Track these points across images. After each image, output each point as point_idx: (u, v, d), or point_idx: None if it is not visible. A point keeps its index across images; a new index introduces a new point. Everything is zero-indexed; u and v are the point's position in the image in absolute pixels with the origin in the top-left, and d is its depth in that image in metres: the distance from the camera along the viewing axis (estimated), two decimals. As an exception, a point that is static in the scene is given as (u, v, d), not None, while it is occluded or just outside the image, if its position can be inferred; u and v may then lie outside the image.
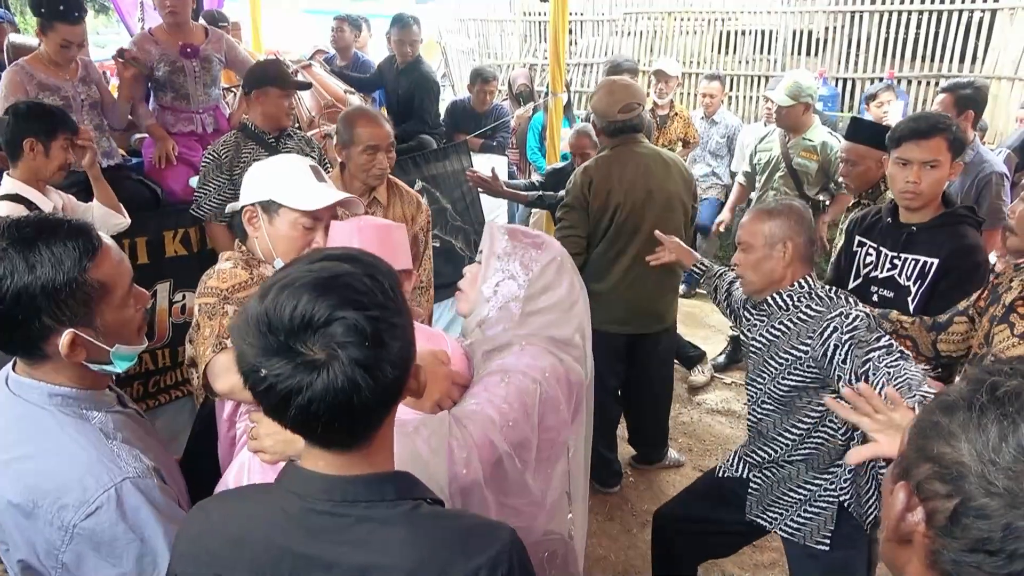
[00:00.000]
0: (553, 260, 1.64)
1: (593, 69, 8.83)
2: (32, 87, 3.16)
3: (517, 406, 1.47)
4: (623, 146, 3.09)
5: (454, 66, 9.69)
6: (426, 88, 4.85)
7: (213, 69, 3.72)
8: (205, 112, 3.75)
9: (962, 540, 0.66)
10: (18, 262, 1.10)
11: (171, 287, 3.08)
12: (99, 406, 1.23)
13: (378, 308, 0.87)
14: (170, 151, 3.56)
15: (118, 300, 1.21)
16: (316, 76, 4.69)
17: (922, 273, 2.31)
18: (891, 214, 2.43)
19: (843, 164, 3.07)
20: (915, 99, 7.15)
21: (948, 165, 2.27)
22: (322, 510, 0.91)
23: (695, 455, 3.77)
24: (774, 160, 4.14)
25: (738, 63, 8.17)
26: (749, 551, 2.99)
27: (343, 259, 0.91)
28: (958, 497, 0.67)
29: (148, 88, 3.70)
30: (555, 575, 1.63)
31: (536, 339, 1.57)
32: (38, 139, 2.50)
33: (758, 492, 2.19)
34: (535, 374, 1.52)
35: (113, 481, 1.12)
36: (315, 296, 0.84)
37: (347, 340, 0.83)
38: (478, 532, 0.98)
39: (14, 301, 1.10)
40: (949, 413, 0.71)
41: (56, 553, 1.11)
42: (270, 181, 1.79)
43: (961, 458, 0.68)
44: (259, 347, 0.84)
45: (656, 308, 3.24)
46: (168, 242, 3.10)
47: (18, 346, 1.17)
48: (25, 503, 1.11)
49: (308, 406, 0.84)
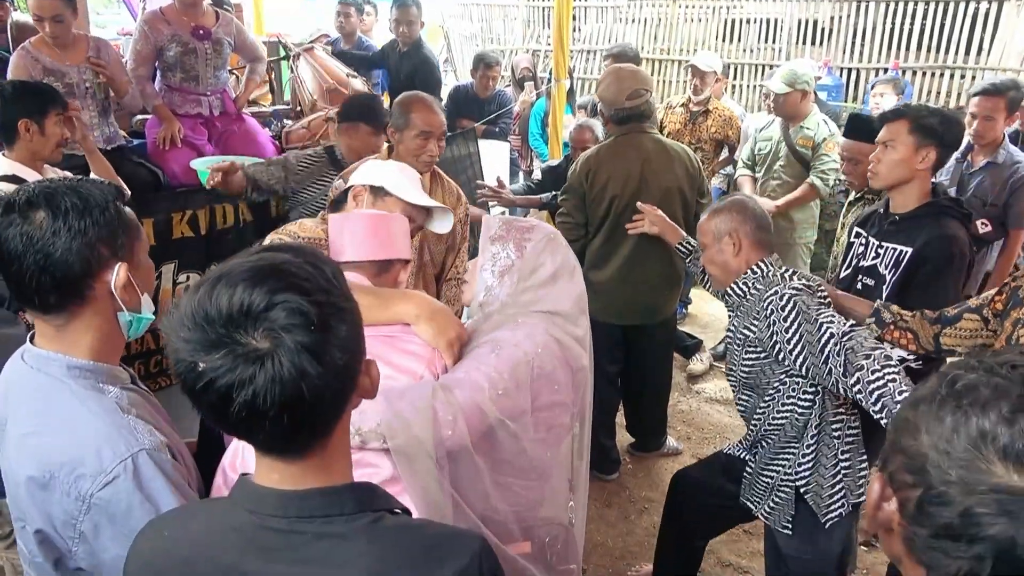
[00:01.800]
0: (544, 237, 1.68)
1: (596, 56, 8.79)
2: (37, 71, 3.14)
3: (508, 376, 1.47)
4: (627, 135, 3.07)
5: (457, 51, 9.64)
6: (427, 71, 4.85)
7: (224, 52, 3.71)
8: (213, 95, 3.74)
9: (928, 527, 0.70)
10: (73, 196, 1.16)
11: (176, 268, 3.08)
12: (115, 381, 1.24)
13: (322, 293, 0.83)
14: (175, 133, 3.55)
15: (145, 243, 1.28)
16: (318, 59, 4.67)
17: (896, 262, 2.32)
18: (884, 204, 2.45)
19: (845, 162, 3.04)
20: (919, 90, 7.13)
21: (909, 148, 2.27)
22: (276, 528, 0.86)
23: (693, 443, 3.79)
24: (774, 148, 4.13)
25: (742, 52, 8.13)
26: (745, 539, 3.01)
27: (282, 250, 0.88)
28: (922, 486, 0.71)
29: (154, 68, 3.68)
30: (554, 561, 1.64)
31: (532, 316, 1.59)
32: (32, 119, 2.49)
33: (749, 476, 2.24)
34: (528, 347, 1.52)
35: (130, 451, 1.13)
36: (253, 284, 0.80)
37: (291, 324, 0.79)
38: (444, 543, 0.92)
39: (78, 227, 1.15)
40: (915, 407, 0.75)
41: (74, 523, 1.13)
42: (386, 173, 1.97)
43: (922, 449, 0.72)
44: (195, 341, 0.79)
45: (654, 301, 3.24)
46: (176, 223, 3.10)
47: (62, 289, 1.16)
48: (41, 475, 1.12)
49: (253, 401, 0.78)
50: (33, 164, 2.52)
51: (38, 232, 1.12)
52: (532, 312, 1.60)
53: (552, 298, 1.63)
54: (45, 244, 1.12)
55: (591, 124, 4.07)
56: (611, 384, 3.36)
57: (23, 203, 1.14)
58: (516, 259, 1.65)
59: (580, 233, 3.11)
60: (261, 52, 4.08)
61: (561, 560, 1.66)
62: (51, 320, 1.20)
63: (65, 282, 1.15)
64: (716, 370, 4.53)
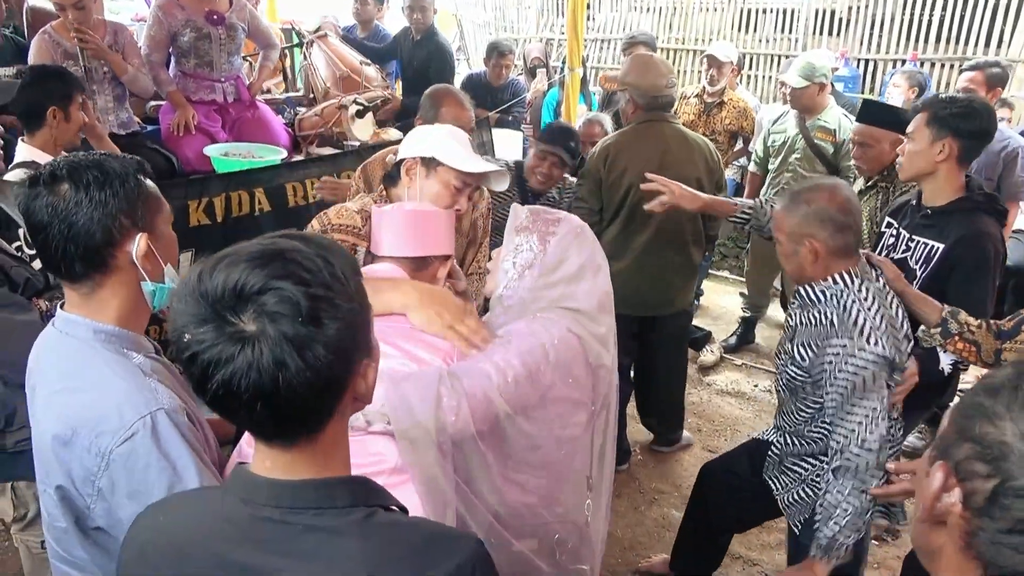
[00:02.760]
0: (570, 232, 1.64)
1: (610, 45, 8.72)
2: (58, 55, 3.16)
3: (518, 364, 1.45)
4: (650, 123, 3.05)
5: (470, 39, 9.59)
6: (441, 60, 4.83)
7: (237, 38, 3.71)
8: (227, 81, 3.74)
9: (1001, 521, 0.66)
10: (94, 169, 1.21)
11: (193, 257, 3.09)
12: (139, 348, 1.28)
13: (321, 286, 0.81)
14: (189, 119, 3.55)
15: (167, 215, 1.32)
16: (331, 47, 4.66)
17: (927, 258, 2.29)
18: (918, 195, 2.40)
19: (856, 147, 3.01)
20: (938, 82, 7.04)
21: (926, 140, 2.24)
22: (268, 517, 0.86)
23: (704, 435, 3.78)
24: (789, 141, 4.07)
25: (758, 42, 8.04)
26: (756, 531, 3.01)
27: (298, 238, 0.87)
28: (998, 477, 0.67)
29: (168, 54, 3.69)
30: (565, 560, 1.61)
31: (551, 311, 1.57)
32: (59, 106, 2.49)
33: (777, 455, 2.22)
34: (544, 337, 1.50)
35: (149, 409, 1.16)
36: (253, 266, 0.79)
37: (278, 312, 0.78)
38: (438, 543, 0.90)
39: (100, 199, 1.19)
40: (993, 395, 0.71)
41: (92, 479, 1.16)
42: (436, 142, 1.91)
43: (1004, 438, 0.68)
44: (190, 313, 0.80)
45: (670, 291, 3.22)
46: (192, 211, 3.10)
47: (87, 258, 1.21)
48: (64, 432, 1.16)
49: (230, 381, 0.78)
50: (52, 150, 2.52)
51: (62, 203, 1.18)
52: (553, 308, 1.58)
53: (575, 295, 1.60)
54: (68, 214, 1.18)
55: (600, 118, 4.04)
56: (623, 376, 3.35)
57: (47, 176, 1.20)
58: (539, 252, 1.62)
59: (595, 219, 3.07)
60: (275, 39, 4.08)
61: (573, 559, 1.63)
62: (78, 288, 1.25)
63: (88, 251, 1.21)
64: (727, 362, 4.52)
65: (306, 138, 4.07)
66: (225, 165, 3.41)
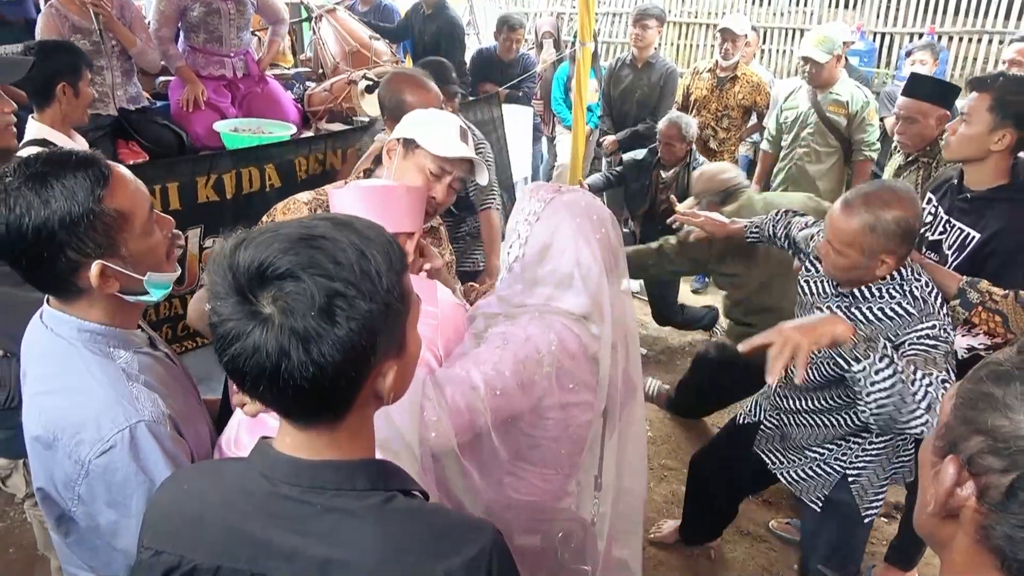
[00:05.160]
0: (553, 216, 1.49)
1: (621, 18, 8.61)
2: (66, 29, 3.14)
3: (509, 374, 1.39)
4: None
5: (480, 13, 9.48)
6: (451, 35, 4.79)
7: (247, 12, 3.68)
8: (236, 56, 3.72)
9: (1020, 515, 0.64)
10: (32, 198, 1.10)
11: (202, 232, 3.08)
12: (127, 345, 1.24)
13: (344, 282, 0.78)
14: (199, 95, 3.54)
15: (140, 227, 1.20)
16: (341, 21, 4.63)
17: (962, 245, 2.17)
18: (959, 175, 2.25)
19: (900, 121, 2.85)
20: (955, 55, 6.91)
21: (985, 126, 2.08)
22: (287, 495, 0.85)
23: (714, 416, 3.78)
24: (802, 116, 4.01)
25: (773, 15, 7.92)
26: (764, 509, 3.02)
27: (343, 224, 0.84)
28: (1015, 472, 0.65)
29: (178, 30, 3.67)
30: (567, 559, 1.58)
31: (548, 312, 1.47)
32: (67, 81, 2.46)
33: (769, 431, 2.22)
34: (540, 343, 1.42)
35: (128, 422, 1.13)
36: (283, 249, 0.78)
37: (292, 302, 0.77)
38: (455, 531, 0.89)
39: (35, 238, 1.10)
40: (1003, 384, 0.68)
41: (73, 485, 1.14)
42: (419, 124, 1.82)
43: (1020, 431, 0.65)
44: (218, 283, 0.80)
45: None
46: (200, 187, 3.09)
47: (51, 283, 1.18)
48: (46, 435, 1.14)
49: (237, 357, 0.78)
50: (62, 127, 2.50)
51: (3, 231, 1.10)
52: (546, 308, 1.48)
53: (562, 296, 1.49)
54: (13, 245, 1.11)
55: (681, 120, 3.94)
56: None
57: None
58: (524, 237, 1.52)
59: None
60: (284, 13, 4.05)
61: (576, 559, 1.59)
62: (60, 297, 1.21)
63: (56, 276, 1.15)
64: (738, 340, 4.50)
65: (315, 113, 4.05)
66: (234, 141, 3.40)
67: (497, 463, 1.49)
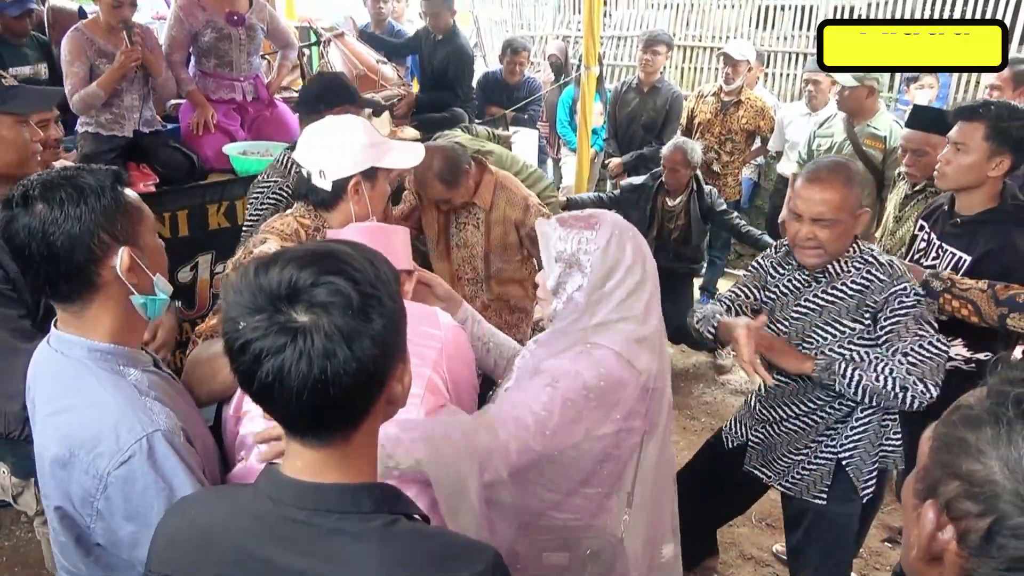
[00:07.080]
0: (611, 236, 1.55)
1: (627, 42, 8.70)
2: (92, 52, 3.21)
3: (558, 414, 1.45)
4: None
5: (486, 37, 9.60)
6: (461, 60, 4.82)
7: (257, 38, 3.74)
8: (246, 80, 3.78)
9: (998, 559, 0.65)
10: (69, 190, 1.19)
11: (213, 259, 3.11)
12: (135, 363, 1.27)
13: (369, 284, 0.85)
14: (209, 118, 3.59)
15: (150, 224, 1.30)
16: (348, 45, 4.70)
17: (954, 270, 2.21)
18: (950, 201, 2.31)
19: (908, 154, 2.82)
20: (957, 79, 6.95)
21: (982, 155, 2.13)
22: (293, 518, 0.88)
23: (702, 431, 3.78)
24: (836, 147, 3.86)
25: (776, 39, 7.99)
26: (768, 532, 3.01)
27: (347, 244, 0.92)
28: (992, 516, 0.65)
29: (188, 54, 3.73)
30: (595, 572, 1.61)
31: (606, 331, 1.52)
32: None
33: (759, 447, 2.23)
34: (588, 379, 1.47)
35: (145, 432, 1.15)
36: (304, 264, 0.84)
37: (330, 302, 0.82)
38: (456, 553, 0.92)
39: (76, 221, 1.17)
40: (975, 428, 0.69)
41: (92, 501, 1.16)
42: (361, 150, 1.84)
43: (993, 476, 0.66)
44: (245, 304, 0.83)
45: None
46: (212, 214, 3.12)
47: (73, 277, 1.20)
48: (63, 454, 1.16)
49: (280, 370, 0.81)
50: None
51: (38, 223, 1.16)
52: (606, 324, 1.52)
53: (629, 305, 1.54)
54: (46, 234, 1.16)
55: (687, 146, 3.89)
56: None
57: (20, 197, 1.18)
58: (585, 265, 1.54)
59: None
60: (293, 38, 4.11)
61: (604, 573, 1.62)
62: (68, 307, 1.24)
63: (71, 269, 1.19)
64: (742, 362, 4.51)
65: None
66: (244, 163, 3.44)
67: (541, 484, 1.55)
